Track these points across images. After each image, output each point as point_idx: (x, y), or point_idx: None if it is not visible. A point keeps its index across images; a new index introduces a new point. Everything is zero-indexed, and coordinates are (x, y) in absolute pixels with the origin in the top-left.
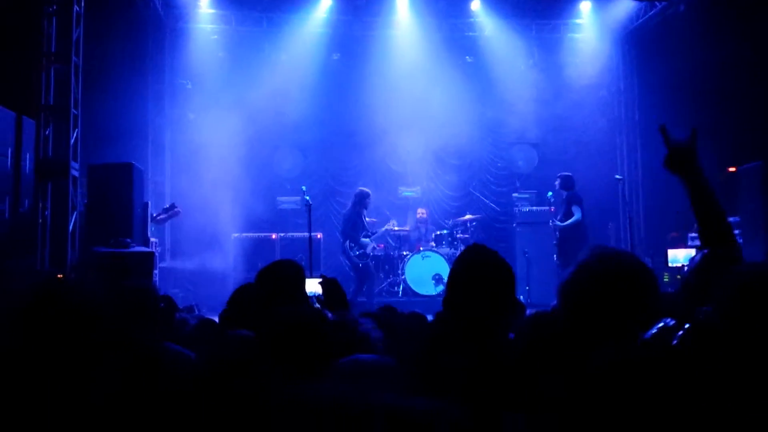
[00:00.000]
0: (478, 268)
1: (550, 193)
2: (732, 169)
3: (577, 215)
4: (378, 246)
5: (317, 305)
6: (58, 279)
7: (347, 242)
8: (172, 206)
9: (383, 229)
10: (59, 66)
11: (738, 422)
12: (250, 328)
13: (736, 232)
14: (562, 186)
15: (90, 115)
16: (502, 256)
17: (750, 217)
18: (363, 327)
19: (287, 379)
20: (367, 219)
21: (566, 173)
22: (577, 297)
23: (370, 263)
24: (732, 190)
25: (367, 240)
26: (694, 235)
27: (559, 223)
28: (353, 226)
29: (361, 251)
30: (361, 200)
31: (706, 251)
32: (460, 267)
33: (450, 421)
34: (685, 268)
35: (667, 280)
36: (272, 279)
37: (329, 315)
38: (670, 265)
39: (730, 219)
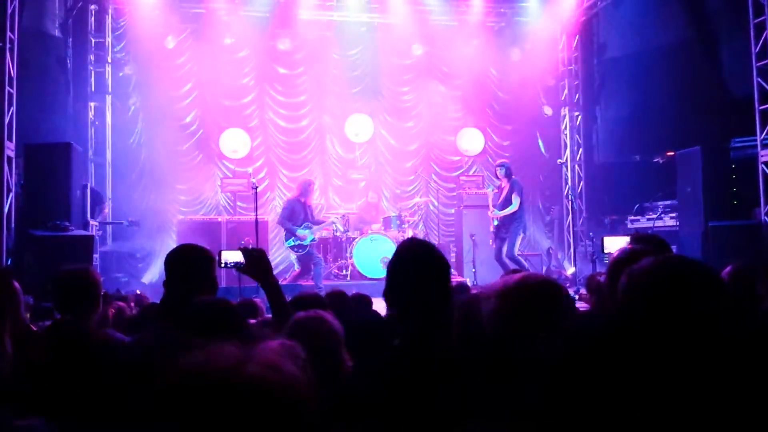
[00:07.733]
0: (415, 264)
1: (490, 188)
2: (670, 154)
3: (515, 204)
4: (315, 237)
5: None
6: None
7: (283, 232)
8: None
9: (330, 219)
10: None
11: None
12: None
13: (673, 215)
14: (505, 174)
15: (28, 94)
16: (437, 248)
17: (687, 200)
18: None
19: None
20: (312, 204)
21: (506, 161)
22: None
23: (313, 250)
24: (671, 174)
25: (305, 231)
26: (633, 218)
27: (497, 211)
28: (290, 214)
29: (297, 242)
30: (303, 190)
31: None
32: (397, 263)
33: None
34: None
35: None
36: (177, 265)
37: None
38: (605, 251)
39: (668, 202)
